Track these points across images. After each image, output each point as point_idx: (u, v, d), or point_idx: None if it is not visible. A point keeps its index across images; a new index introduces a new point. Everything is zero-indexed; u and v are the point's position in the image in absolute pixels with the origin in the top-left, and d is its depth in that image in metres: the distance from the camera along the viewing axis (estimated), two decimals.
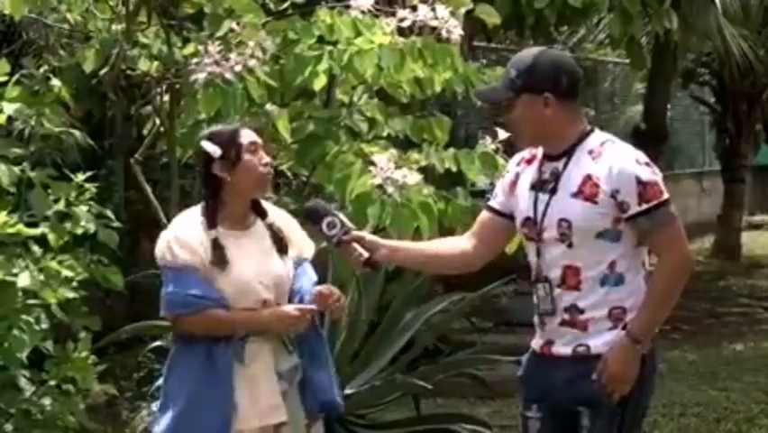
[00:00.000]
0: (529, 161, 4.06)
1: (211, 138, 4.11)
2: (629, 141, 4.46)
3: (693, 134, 21.21)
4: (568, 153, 3.92)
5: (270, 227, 4.19)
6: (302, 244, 4.27)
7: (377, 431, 6.80)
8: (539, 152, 4.03)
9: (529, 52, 3.99)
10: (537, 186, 3.97)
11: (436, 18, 5.27)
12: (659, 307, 3.88)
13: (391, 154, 5.29)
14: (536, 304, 3.99)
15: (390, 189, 5.13)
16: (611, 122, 19.02)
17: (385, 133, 5.83)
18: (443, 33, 5.31)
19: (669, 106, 14.72)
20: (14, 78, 5.50)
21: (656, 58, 12.85)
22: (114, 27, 5.70)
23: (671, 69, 13.42)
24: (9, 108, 5.40)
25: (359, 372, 6.78)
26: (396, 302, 7.23)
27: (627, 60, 12.26)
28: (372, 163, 5.21)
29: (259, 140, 4.16)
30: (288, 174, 6.23)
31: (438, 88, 5.60)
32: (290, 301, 4.17)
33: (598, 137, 3.96)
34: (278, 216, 4.28)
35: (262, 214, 4.20)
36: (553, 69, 3.92)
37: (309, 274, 4.25)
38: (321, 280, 4.40)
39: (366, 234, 4.10)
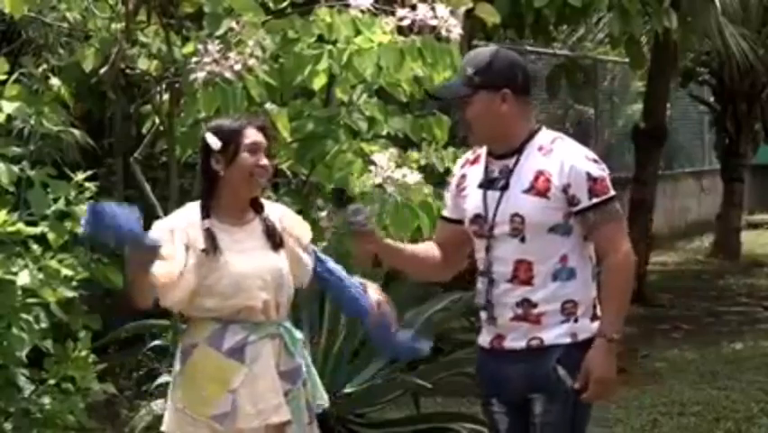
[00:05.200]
0: (473, 162, 4.13)
1: (216, 130, 4.12)
2: (629, 140, 4.49)
3: (693, 133, 21.20)
4: (518, 151, 3.98)
5: (264, 222, 4.19)
6: (298, 230, 4.25)
7: (376, 430, 6.80)
8: (483, 152, 4.09)
9: (484, 51, 4.09)
10: (485, 184, 4.03)
11: (436, 17, 5.27)
12: (621, 304, 3.98)
13: (391, 153, 5.29)
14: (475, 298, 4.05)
15: (390, 189, 5.14)
16: (611, 120, 19.03)
17: (384, 133, 5.83)
18: (443, 32, 5.31)
19: (668, 105, 14.69)
20: (14, 77, 5.50)
21: (656, 57, 12.83)
22: (113, 26, 5.70)
23: (670, 68, 13.39)
24: (8, 107, 5.40)
25: (358, 370, 6.78)
26: (395, 301, 7.23)
27: (627, 59, 12.25)
28: (372, 162, 5.21)
29: (263, 140, 4.14)
30: (288, 173, 6.23)
31: None
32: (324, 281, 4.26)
33: (547, 135, 4.04)
34: (272, 208, 4.28)
35: (258, 209, 4.20)
36: (510, 66, 4.01)
37: (327, 259, 4.30)
38: None
39: (376, 229, 4.19)
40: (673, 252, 17.45)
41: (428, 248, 4.30)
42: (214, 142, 4.08)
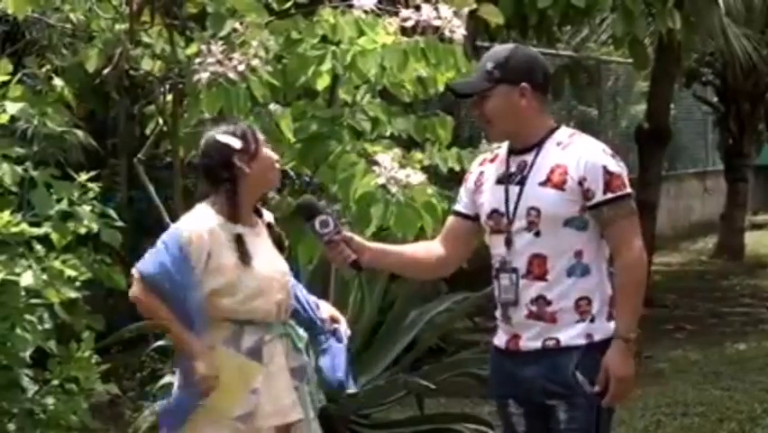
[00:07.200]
0: (492, 160, 4.13)
1: (226, 132, 4.13)
2: (632, 141, 4.50)
3: (696, 134, 21.20)
4: (538, 146, 3.99)
5: (269, 226, 4.22)
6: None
7: (380, 431, 6.81)
8: (502, 150, 4.10)
9: (504, 47, 4.10)
10: (505, 179, 4.02)
11: (439, 18, 5.27)
12: (635, 302, 3.97)
13: (395, 154, 5.30)
14: (497, 295, 4.02)
15: (394, 189, 5.14)
16: (614, 121, 19.02)
17: (388, 133, 5.84)
18: (447, 33, 5.31)
19: (672, 106, 14.69)
20: (17, 78, 5.51)
21: (659, 57, 12.83)
22: (117, 27, 5.70)
23: (674, 68, 13.39)
24: (12, 108, 5.40)
25: (362, 371, 6.78)
26: (399, 302, 7.24)
27: (630, 60, 12.24)
28: (376, 163, 5.21)
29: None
30: (291, 174, 6.23)
31: (441, 88, 5.60)
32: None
33: (566, 131, 4.06)
34: (270, 217, 4.33)
35: (259, 213, 4.24)
36: (528, 62, 4.03)
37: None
38: (324, 280, 4.42)
39: (354, 236, 4.13)
40: (677, 252, 17.45)
41: (425, 247, 4.29)
42: (234, 141, 4.09)
